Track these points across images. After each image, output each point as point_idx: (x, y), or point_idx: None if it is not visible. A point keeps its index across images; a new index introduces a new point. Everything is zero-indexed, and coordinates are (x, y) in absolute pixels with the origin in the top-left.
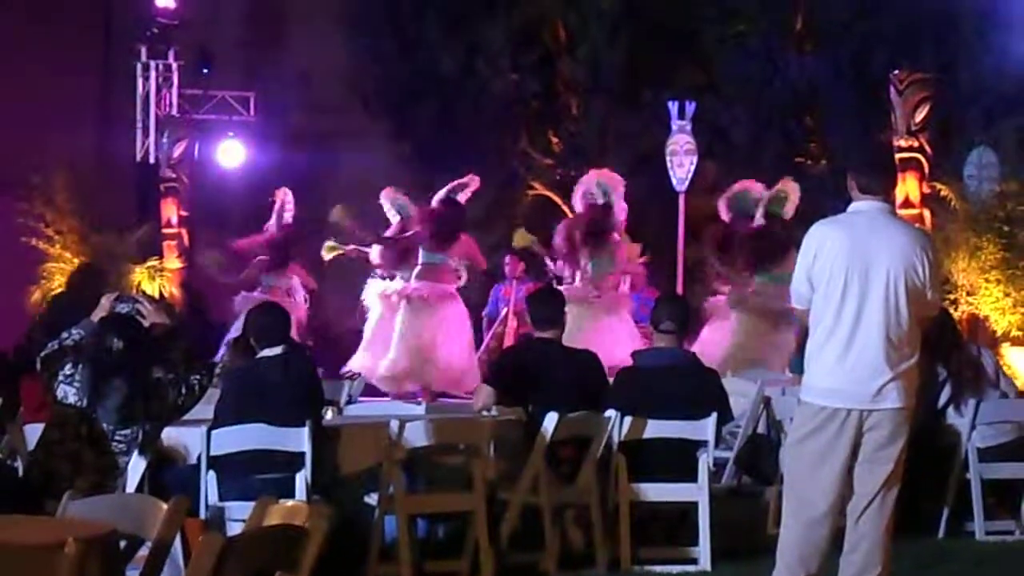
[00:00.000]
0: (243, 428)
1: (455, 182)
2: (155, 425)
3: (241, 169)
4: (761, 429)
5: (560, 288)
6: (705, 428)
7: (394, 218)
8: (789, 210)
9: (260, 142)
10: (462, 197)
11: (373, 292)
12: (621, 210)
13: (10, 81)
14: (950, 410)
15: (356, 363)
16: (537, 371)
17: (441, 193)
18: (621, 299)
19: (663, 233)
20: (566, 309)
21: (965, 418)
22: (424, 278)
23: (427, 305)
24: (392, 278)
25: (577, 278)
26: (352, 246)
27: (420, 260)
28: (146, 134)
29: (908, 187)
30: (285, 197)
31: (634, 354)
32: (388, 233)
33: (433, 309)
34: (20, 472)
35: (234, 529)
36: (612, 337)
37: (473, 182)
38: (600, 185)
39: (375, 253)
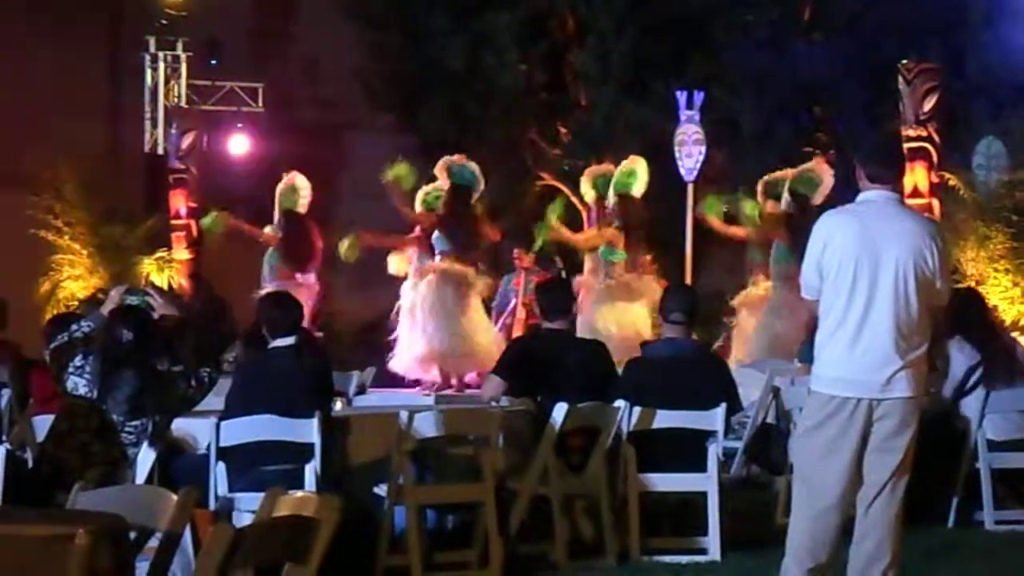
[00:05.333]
0: (252, 419)
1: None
2: (164, 417)
3: (249, 160)
4: (770, 419)
5: None
6: (714, 418)
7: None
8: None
9: (268, 133)
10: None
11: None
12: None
13: (18, 74)
14: (965, 398)
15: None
16: (546, 361)
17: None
18: None
19: (671, 223)
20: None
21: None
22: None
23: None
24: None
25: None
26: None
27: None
28: (155, 125)
29: (917, 177)
30: (294, 180)
31: (643, 344)
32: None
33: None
34: (30, 464)
35: (243, 520)
36: None
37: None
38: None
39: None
